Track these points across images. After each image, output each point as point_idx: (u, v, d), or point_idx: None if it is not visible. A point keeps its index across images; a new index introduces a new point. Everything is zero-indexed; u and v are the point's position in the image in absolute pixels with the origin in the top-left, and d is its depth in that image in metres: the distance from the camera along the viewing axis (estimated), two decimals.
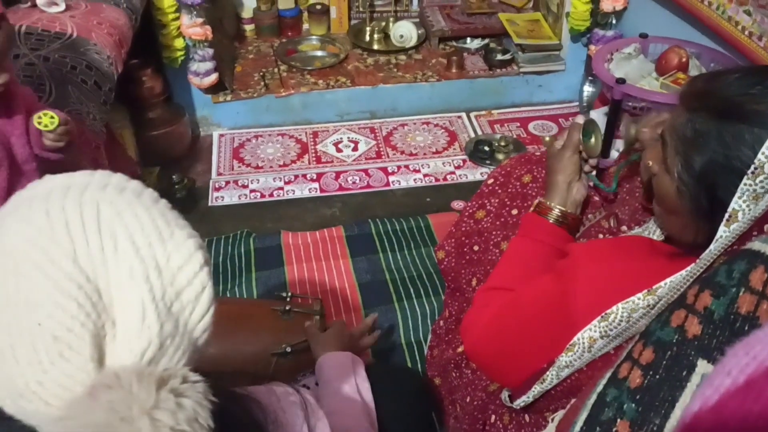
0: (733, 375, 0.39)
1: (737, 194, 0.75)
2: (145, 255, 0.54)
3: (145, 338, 0.52)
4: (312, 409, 0.77)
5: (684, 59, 1.87)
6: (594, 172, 1.20)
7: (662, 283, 0.82)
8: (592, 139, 1.15)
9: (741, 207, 0.75)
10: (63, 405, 0.50)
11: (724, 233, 0.77)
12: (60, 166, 1.20)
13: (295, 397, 0.75)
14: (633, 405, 0.65)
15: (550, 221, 1.14)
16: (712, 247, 0.78)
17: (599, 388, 0.72)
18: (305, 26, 2.82)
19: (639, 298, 0.84)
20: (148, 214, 0.56)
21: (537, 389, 0.98)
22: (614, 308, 0.86)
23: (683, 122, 0.85)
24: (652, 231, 1.05)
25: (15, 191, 1.29)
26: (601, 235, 1.17)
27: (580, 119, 1.18)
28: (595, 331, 0.89)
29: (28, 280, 0.51)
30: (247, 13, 2.74)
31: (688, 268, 0.80)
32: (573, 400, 0.91)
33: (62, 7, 1.80)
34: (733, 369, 0.39)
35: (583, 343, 0.90)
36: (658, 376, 0.64)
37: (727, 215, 0.76)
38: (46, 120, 1.19)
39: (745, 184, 0.74)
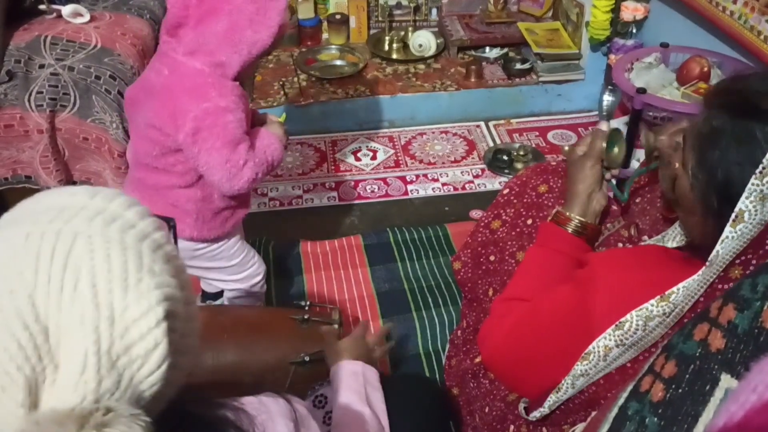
0: (759, 391, 0.38)
1: (745, 194, 0.74)
2: (101, 301, 0.51)
3: (80, 393, 0.50)
4: (302, 420, 0.76)
5: (705, 69, 1.85)
6: (614, 181, 1.18)
7: (675, 289, 0.82)
8: (616, 149, 1.13)
9: (748, 207, 0.74)
10: None
11: (730, 234, 0.76)
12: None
13: (285, 408, 0.75)
14: (655, 419, 0.64)
15: (569, 231, 1.13)
16: (718, 247, 0.77)
17: (620, 401, 0.71)
18: (325, 36, 2.84)
19: (652, 305, 0.84)
20: (122, 256, 0.54)
21: (552, 399, 0.97)
22: (628, 316, 0.86)
23: (702, 119, 0.84)
24: (672, 237, 1.03)
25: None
26: (620, 244, 1.16)
27: (603, 126, 1.16)
28: (610, 340, 0.88)
29: None
30: None
31: (701, 273, 0.79)
32: (593, 413, 0.90)
33: (87, 18, 1.83)
34: (759, 385, 0.38)
35: (599, 351, 0.90)
36: (680, 390, 0.64)
37: (733, 215, 0.76)
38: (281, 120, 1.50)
39: (752, 184, 0.74)
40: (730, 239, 0.76)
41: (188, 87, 1.24)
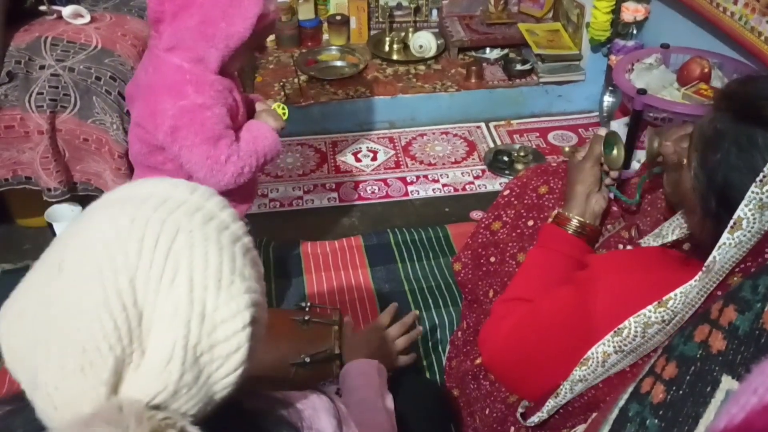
0: (759, 393, 0.38)
1: (744, 201, 0.74)
2: (196, 297, 0.53)
3: (161, 382, 0.51)
4: (344, 418, 0.77)
5: (706, 69, 1.85)
6: (615, 185, 1.19)
7: (672, 295, 0.81)
8: (614, 151, 1.15)
9: (746, 215, 0.74)
10: (65, 420, 0.51)
11: (728, 240, 0.76)
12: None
13: (328, 405, 0.75)
14: (656, 421, 0.64)
15: (569, 232, 1.13)
16: (715, 253, 0.77)
17: (621, 402, 0.71)
18: (325, 36, 2.84)
19: (650, 311, 0.83)
20: (219, 256, 0.55)
21: (551, 403, 0.97)
22: (627, 322, 0.85)
23: (708, 121, 0.84)
24: (671, 230, 1.03)
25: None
26: (621, 246, 1.16)
27: (603, 131, 1.18)
28: (608, 346, 0.88)
29: (86, 281, 0.51)
30: None
31: (698, 279, 0.79)
32: (593, 415, 0.90)
33: (87, 18, 1.83)
34: (759, 387, 0.38)
35: (597, 357, 0.90)
36: (681, 392, 0.64)
37: (731, 222, 0.75)
38: (280, 110, 1.44)
39: (752, 192, 0.73)
40: (727, 246, 0.76)
41: (168, 84, 1.24)
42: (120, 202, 0.57)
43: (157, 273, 0.52)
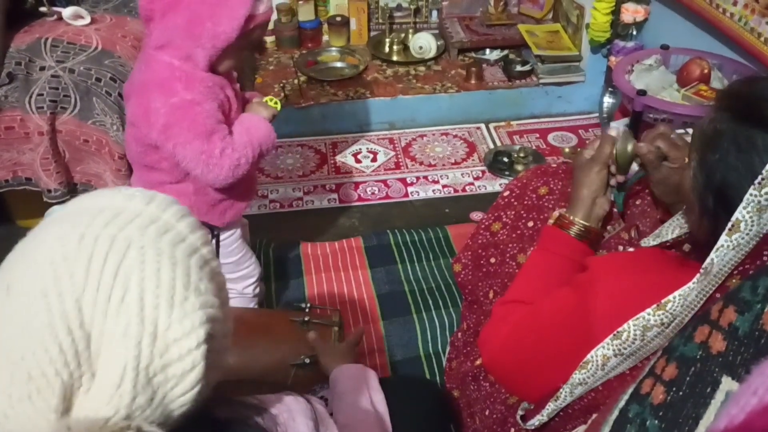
0: (759, 394, 0.38)
1: (742, 204, 0.74)
2: (147, 316, 0.52)
3: (113, 406, 0.50)
4: (321, 419, 0.76)
5: (706, 71, 1.85)
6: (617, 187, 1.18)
7: (671, 297, 0.81)
8: (626, 154, 1.12)
9: (744, 217, 0.74)
10: None
11: (726, 242, 0.75)
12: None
13: (305, 407, 0.75)
14: (656, 422, 0.64)
15: (572, 235, 1.13)
16: (713, 255, 0.77)
17: (621, 403, 0.71)
18: (325, 38, 2.84)
19: (649, 314, 0.83)
20: (172, 271, 0.54)
21: (551, 407, 0.97)
22: (626, 326, 0.85)
23: (708, 120, 0.84)
24: (670, 230, 1.03)
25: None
26: (621, 247, 1.16)
27: (613, 132, 1.15)
28: (608, 349, 0.88)
29: (32, 304, 0.50)
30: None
31: (696, 281, 0.79)
32: (594, 415, 0.90)
33: (87, 20, 1.83)
34: (759, 388, 0.38)
35: (597, 360, 0.89)
36: (681, 393, 0.64)
37: (729, 224, 0.75)
38: (272, 104, 1.44)
39: (750, 194, 0.73)
40: (725, 248, 0.76)
41: (158, 82, 1.25)
42: (72, 217, 0.55)
43: (105, 293, 0.51)
